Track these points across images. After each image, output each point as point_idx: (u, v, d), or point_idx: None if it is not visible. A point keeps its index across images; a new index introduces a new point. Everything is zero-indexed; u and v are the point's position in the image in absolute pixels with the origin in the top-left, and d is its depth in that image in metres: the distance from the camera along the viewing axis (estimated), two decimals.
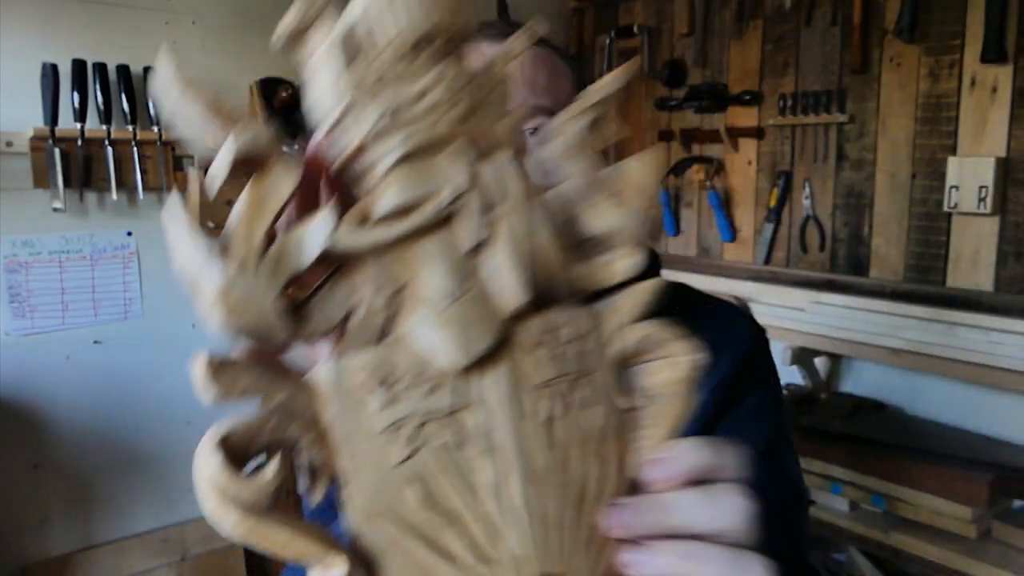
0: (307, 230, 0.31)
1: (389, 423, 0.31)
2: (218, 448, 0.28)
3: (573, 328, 0.34)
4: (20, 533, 1.79)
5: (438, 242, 0.32)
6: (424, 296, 0.31)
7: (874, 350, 1.68)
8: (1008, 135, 1.58)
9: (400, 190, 0.31)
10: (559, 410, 0.33)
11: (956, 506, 1.51)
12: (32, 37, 1.73)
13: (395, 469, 0.31)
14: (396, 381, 0.31)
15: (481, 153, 0.33)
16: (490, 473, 0.31)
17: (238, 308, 0.30)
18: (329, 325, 0.31)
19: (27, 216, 1.75)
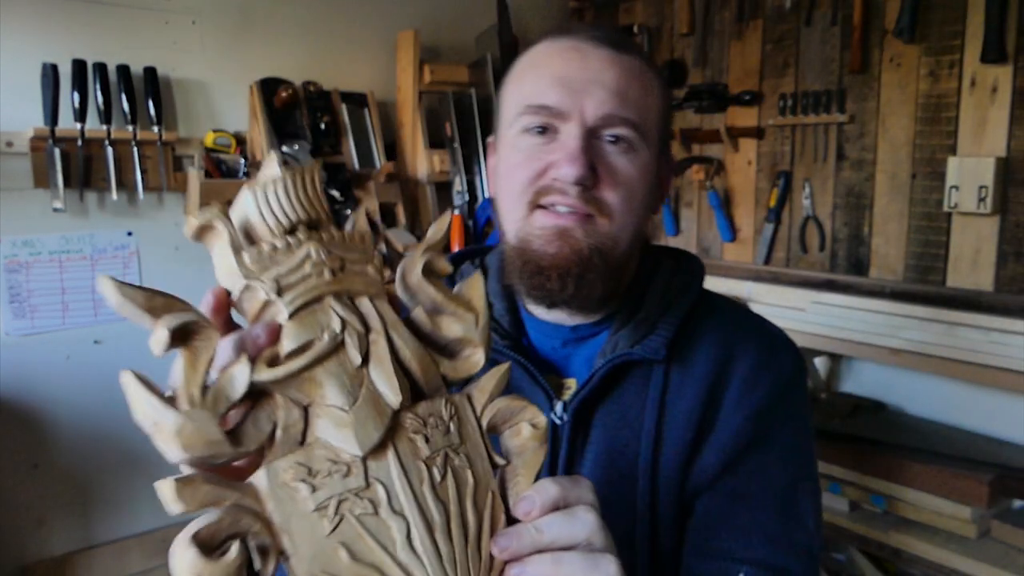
0: (233, 373, 0.42)
1: (316, 505, 0.41)
2: (191, 542, 0.38)
3: (443, 413, 0.46)
4: (20, 533, 1.79)
5: (332, 365, 0.44)
6: (328, 406, 0.43)
7: (874, 350, 1.68)
8: (1008, 135, 1.58)
9: (294, 337, 0.43)
10: (441, 474, 0.45)
11: (956, 506, 1.51)
12: (32, 37, 1.73)
13: (326, 538, 0.41)
14: (317, 473, 0.42)
15: (352, 295, 0.46)
16: (399, 530, 0.42)
17: (192, 439, 0.40)
18: (260, 440, 0.42)
19: (27, 216, 1.75)
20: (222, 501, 0.40)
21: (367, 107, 2.12)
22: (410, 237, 2.05)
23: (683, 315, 0.81)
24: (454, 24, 2.32)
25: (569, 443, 0.79)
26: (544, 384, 0.80)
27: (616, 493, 0.78)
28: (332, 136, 2.03)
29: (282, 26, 2.06)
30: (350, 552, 0.41)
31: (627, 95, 0.75)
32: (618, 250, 0.76)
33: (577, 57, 0.76)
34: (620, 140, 0.75)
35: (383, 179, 2.07)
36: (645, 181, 0.77)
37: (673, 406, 0.79)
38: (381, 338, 0.46)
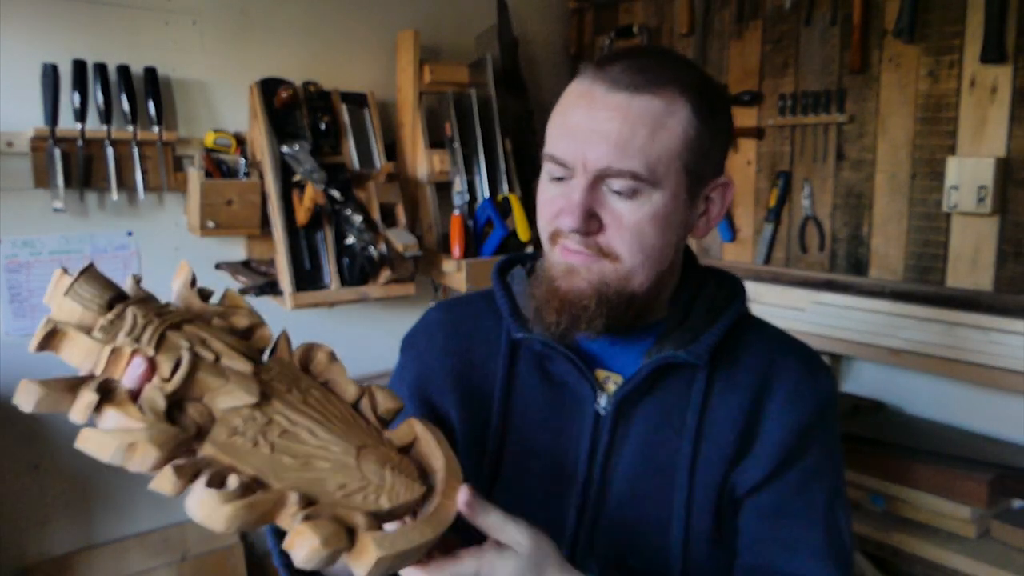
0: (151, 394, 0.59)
1: (251, 443, 0.62)
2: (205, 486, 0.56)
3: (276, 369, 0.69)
4: (20, 533, 1.79)
5: (203, 367, 0.63)
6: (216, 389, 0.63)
7: (874, 350, 1.68)
8: (1008, 135, 1.58)
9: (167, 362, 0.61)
10: (303, 396, 0.68)
11: (956, 506, 1.52)
12: (32, 37, 1.73)
13: (271, 456, 0.62)
14: (237, 427, 0.62)
15: (178, 325, 0.65)
16: (305, 430, 0.65)
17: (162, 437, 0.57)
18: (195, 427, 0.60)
19: (27, 216, 1.75)
20: (202, 467, 0.58)
21: (367, 107, 2.12)
22: (410, 237, 2.05)
23: (727, 327, 0.85)
24: (454, 24, 2.32)
25: (610, 433, 0.84)
26: (590, 378, 0.85)
27: (653, 485, 0.83)
28: (332, 136, 2.03)
29: (282, 26, 2.06)
30: (290, 455, 0.63)
31: (629, 144, 0.76)
32: (629, 287, 0.80)
33: (585, 104, 0.78)
34: (623, 187, 0.77)
35: (383, 179, 2.07)
36: (658, 220, 0.78)
37: (715, 409, 0.83)
38: (215, 341, 0.65)
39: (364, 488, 0.64)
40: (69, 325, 0.61)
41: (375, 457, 0.66)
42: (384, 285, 2.03)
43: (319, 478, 0.62)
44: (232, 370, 0.64)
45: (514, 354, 0.89)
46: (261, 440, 0.62)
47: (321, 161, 1.95)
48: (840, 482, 0.87)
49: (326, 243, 1.99)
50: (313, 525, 0.57)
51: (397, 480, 0.66)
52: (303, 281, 1.95)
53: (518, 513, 0.84)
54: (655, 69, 0.78)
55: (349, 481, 0.64)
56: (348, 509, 0.61)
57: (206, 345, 0.65)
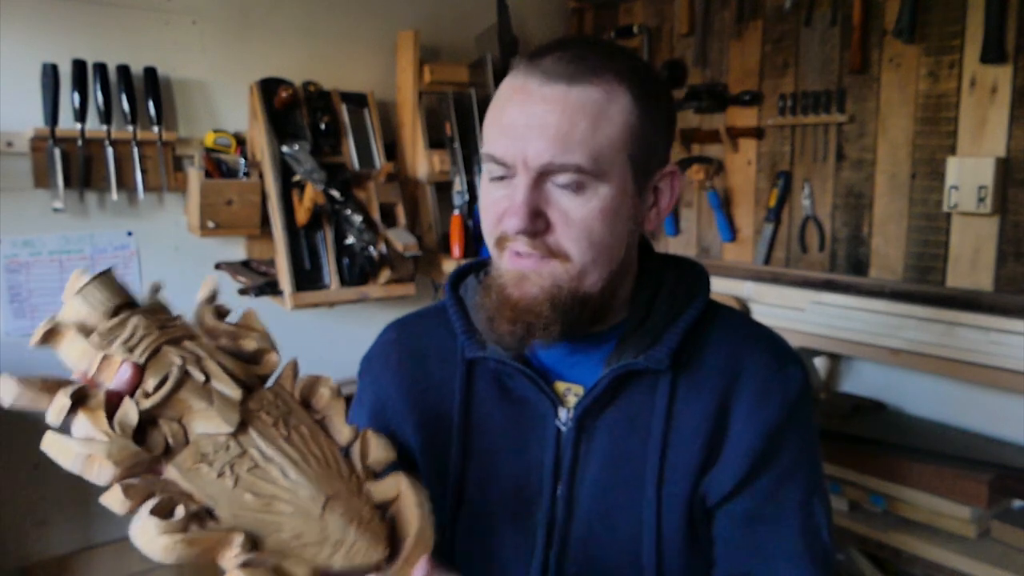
0: (126, 409, 0.59)
1: (217, 473, 0.61)
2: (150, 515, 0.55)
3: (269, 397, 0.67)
4: (20, 533, 1.79)
5: (189, 386, 0.62)
6: (196, 411, 0.62)
7: (874, 350, 1.68)
8: (1008, 135, 1.58)
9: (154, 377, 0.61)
10: (287, 432, 0.65)
11: (956, 506, 1.52)
12: (32, 37, 1.73)
13: (233, 490, 0.61)
14: (207, 454, 0.61)
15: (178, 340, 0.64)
16: (277, 469, 0.63)
17: (120, 455, 0.57)
18: (160, 448, 0.60)
19: (27, 216, 1.75)
20: (155, 491, 0.57)
21: (367, 107, 2.12)
22: (410, 237, 2.05)
23: (688, 326, 0.81)
24: (454, 24, 2.32)
25: (573, 449, 0.80)
26: (549, 392, 0.81)
27: (622, 499, 0.79)
28: (332, 136, 2.02)
29: (282, 26, 2.06)
30: (253, 493, 0.61)
31: (570, 137, 0.72)
32: (583, 287, 0.76)
33: (521, 100, 0.75)
34: (568, 182, 0.74)
35: (383, 179, 2.07)
36: (606, 215, 0.75)
37: (681, 415, 0.79)
38: (210, 362, 0.65)
39: (321, 542, 0.62)
40: (70, 325, 0.62)
41: (343, 510, 0.63)
42: (384, 285, 2.03)
43: (276, 522, 0.61)
44: (219, 394, 0.63)
45: (471, 372, 0.86)
46: (228, 472, 0.61)
47: (321, 161, 1.95)
48: (816, 476, 0.83)
49: (326, 243, 1.99)
50: (250, 573, 0.57)
51: (360, 539, 0.63)
52: (303, 281, 1.95)
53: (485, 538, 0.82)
54: (590, 58, 0.75)
55: (307, 531, 0.61)
56: (296, 560, 0.60)
57: (200, 365, 0.64)
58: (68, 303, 0.63)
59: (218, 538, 0.57)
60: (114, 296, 0.64)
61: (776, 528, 0.79)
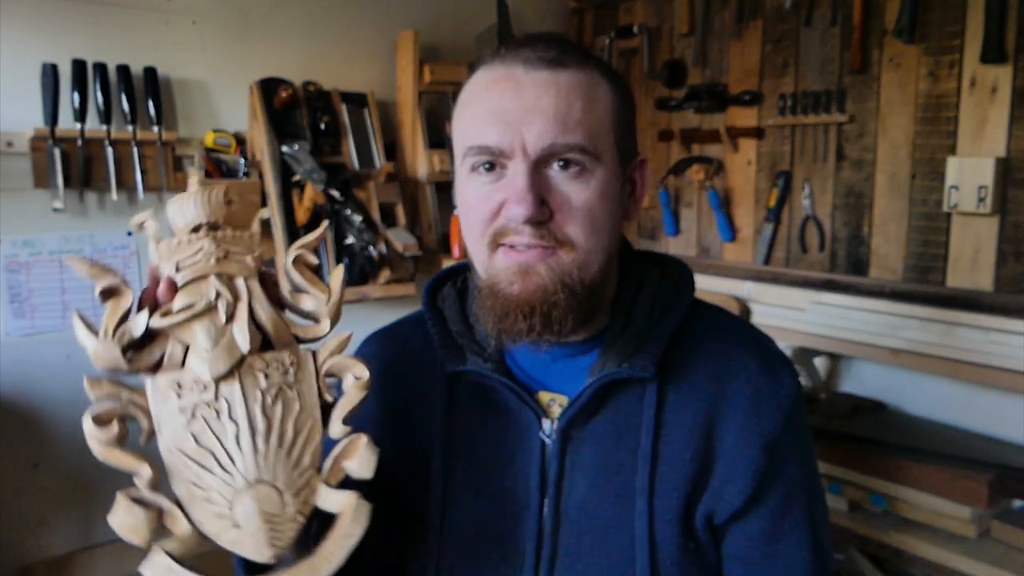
0: (136, 319, 0.64)
1: (179, 407, 0.64)
2: (89, 417, 0.62)
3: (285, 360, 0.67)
4: (20, 533, 1.79)
5: (206, 320, 0.65)
6: (197, 345, 0.65)
7: (874, 350, 1.68)
8: (1008, 135, 1.58)
9: (183, 298, 0.65)
10: (272, 400, 0.65)
11: (956, 506, 1.51)
12: (32, 37, 1.73)
13: (182, 428, 0.63)
14: (183, 387, 0.64)
15: (230, 276, 0.67)
16: (231, 430, 0.64)
17: (102, 358, 0.63)
18: (150, 364, 0.65)
19: (27, 216, 1.75)
20: (119, 394, 0.63)
21: (367, 107, 2.12)
22: (410, 237, 2.05)
23: (672, 330, 0.79)
24: (454, 24, 2.32)
25: (559, 461, 0.78)
26: (532, 403, 0.79)
27: (612, 513, 0.77)
28: (332, 136, 2.02)
29: (282, 26, 2.06)
30: (195, 438, 0.63)
31: (568, 117, 0.72)
32: (588, 276, 0.75)
33: (511, 86, 0.73)
34: (570, 165, 0.72)
35: (383, 179, 2.07)
36: (605, 200, 0.74)
37: (670, 425, 0.77)
38: (244, 305, 0.66)
39: (221, 515, 0.62)
40: (152, 227, 0.68)
41: (262, 498, 0.63)
42: (384, 285, 2.03)
43: (199, 473, 0.63)
44: (227, 340, 0.65)
45: (452, 386, 0.83)
46: (188, 410, 0.63)
47: (321, 161, 1.95)
48: (815, 481, 0.83)
49: (326, 243, 1.99)
50: (126, 507, 0.61)
51: (256, 535, 0.62)
52: None
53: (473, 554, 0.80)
54: (564, 46, 0.75)
55: (217, 499, 0.62)
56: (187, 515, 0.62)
57: (233, 305, 0.66)
58: (169, 205, 0.69)
59: (130, 463, 0.62)
60: (205, 214, 0.68)
61: (789, 543, 0.79)
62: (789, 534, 0.79)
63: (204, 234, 0.67)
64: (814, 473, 0.83)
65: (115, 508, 0.61)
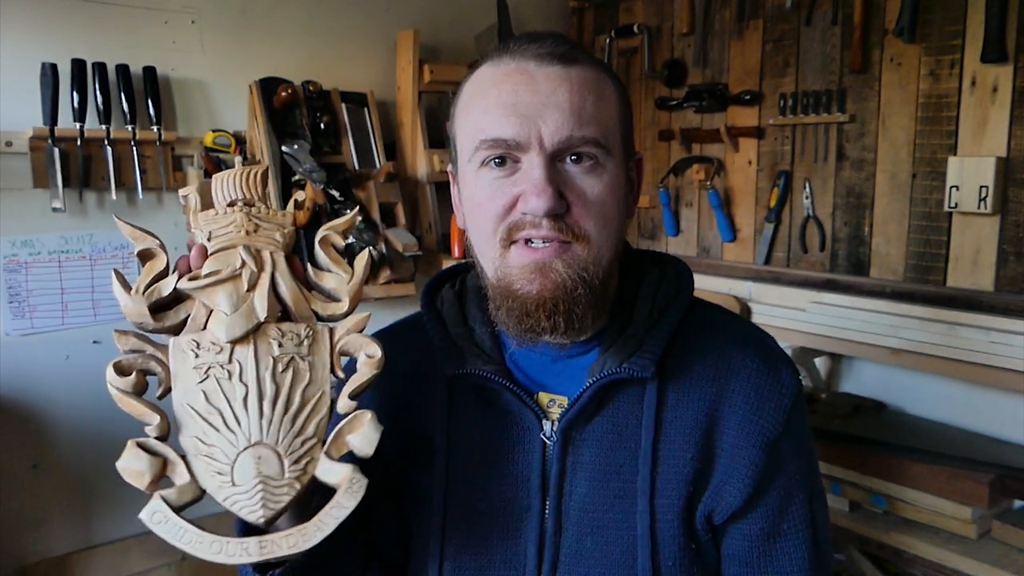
0: (166, 280, 0.70)
1: (195, 364, 0.67)
2: (112, 367, 0.66)
3: (301, 332, 0.70)
4: (20, 533, 1.79)
5: (229, 287, 0.69)
6: (219, 310, 0.69)
7: (874, 350, 1.68)
8: (1008, 135, 1.58)
9: (211, 266, 0.70)
10: (284, 368, 0.68)
11: (956, 506, 1.51)
12: (32, 37, 1.73)
13: (195, 385, 0.67)
14: (202, 347, 0.68)
15: (258, 248, 0.72)
16: (240, 391, 0.67)
17: (131, 312, 0.68)
18: (175, 322, 0.69)
19: (27, 216, 1.75)
20: (143, 348, 0.67)
21: (367, 107, 2.12)
22: (410, 237, 2.05)
23: (672, 330, 0.79)
24: (454, 24, 2.32)
25: (560, 462, 0.78)
26: (532, 406, 0.79)
27: (613, 513, 0.77)
28: (332, 136, 2.02)
29: (282, 26, 2.05)
30: (206, 396, 0.66)
31: (583, 111, 0.72)
32: (602, 270, 0.75)
33: (525, 80, 0.73)
34: (583, 158, 0.73)
35: (383, 179, 2.07)
36: (616, 194, 0.75)
37: (671, 425, 0.77)
38: (266, 276, 0.71)
39: (220, 472, 0.64)
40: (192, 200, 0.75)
41: (260, 460, 0.64)
42: (384, 285, 2.02)
43: (205, 429, 0.65)
44: (248, 306, 0.69)
45: (452, 388, 0.83)
46: (202, 368, 0.67)
47: (321, 161, 1.95)
48: (815, 480, 0.82)
49: None
50: (133, 452, 0.63)
51: (251, 494, 0.63)
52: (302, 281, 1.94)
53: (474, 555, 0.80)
54: (568, 44, 0.76)
55: (219, 456, 0.64)
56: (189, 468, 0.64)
57: (256, 275, 0.70)
58: (212, 181, 0.76)
59: (142, 411, 0.65)
60: (243, 191, 0.75)
61: (789, 543, 0.79)
62: (788, 534, 0.79)
63: (239, 209, 0.73)
64: (814, 473, 0.83)
65: (124, 453, 0.63)
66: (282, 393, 0.67)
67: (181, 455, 0.65)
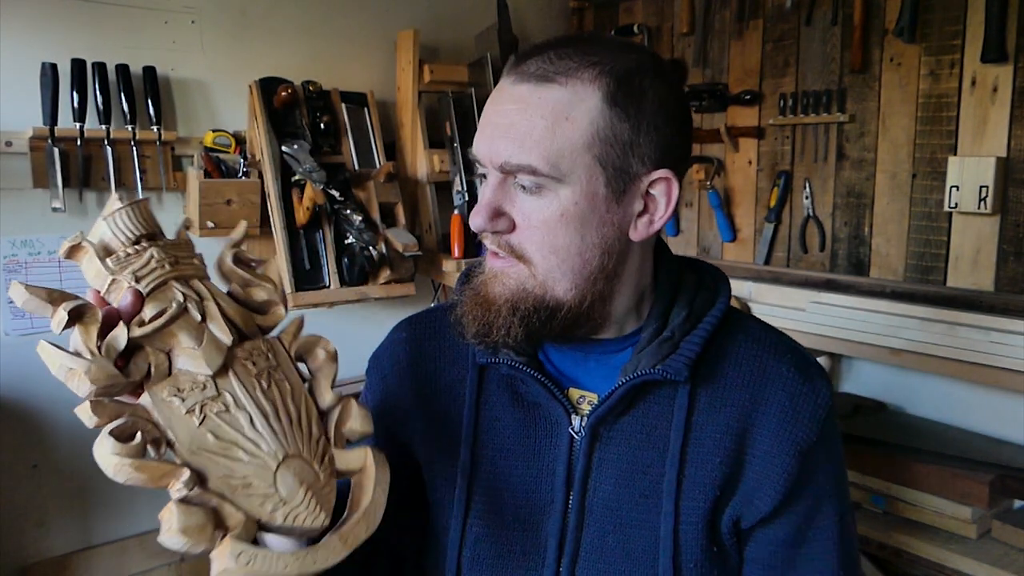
0: (116, 333, 0.63)
1: (186, 409, 0.63)
2: (108, 435, 0.59)
3: (262, 348, 0.69)
4: (20, 533, 1.79)
5: (182, 323, 0.66)
6: (184, 347, 0.65)
7: (874, 350, 1.68)
8: (1008, 135, 1.58)
9: (153, 308, 0.65)
10: (267, 384, 0.67)
11: (956, 506, 1.51)
12: (32, 37, 1.73)
13: (198, 428, 0.63)
14: (183, 390, 0.64)
15: (187, 279, 0.68)
16: (244, 418, 0.65)
17: (98, 376, 0.60)
18: (141, 374, 0.64)
19: (27, 216, 1.75)
20: (123, 413, 0.61)
21: (367, 107, 2.12)
22: (410, 237, 2.05)
23: (707, 335, 0.79)
24: (454, 24, 2.31)
25: (587, 458, 0.79)
26: (562, 399, 0.80)
27: (637, 512, 0.78)
28: (332, 136, 2.02)
29: (282, 26, 2.05)
30: (215, 435, 0.63)
31: (527, 138, 0.71)
32: (553, 294, 0.74)
33: (498, 99, 0.75)
34: (525, 185, 0.73)
35: (383, 179, 2.07)
36: (570, 220, 0.73)
37: (701, 429, 0.78)
38: (211, 303, 0.68)
39: (267, 496, 0.63)
40: (93, 245, 0.67)
41: (298, 470, 0.64)
42: (384, 285, 2.02)
43: (230, 466, 0.62)
44: (210, 336, 0.66)
45: (482, 376, 0.84)
46: (196, 410, 0.63)
47: (321, 161, 1.95)
48: (845, 492, 0.83)
49: (325, 243, 1.98)
50: (184, 510, 0.58)
51: (306, 503, 0.64)
52: (302, 281, 1.95)
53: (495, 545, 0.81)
54: (572, 57, 0.72)
55: (257, 483, 0.63)
56: (236, 506, 0.61)
57: (200, 305, 0.67)
58: (97, 224, 0.69)
59: (165, 470, 0.60)
60: (141, 226, 0.69)
61: (814, 550, 0.79)
62: (814, 541, 0.79)
63: (148, 244, 0.68)
64: (844, 483, 0.83)
65: (173, 515, 0.58)
66: (279, 406, 0.67)
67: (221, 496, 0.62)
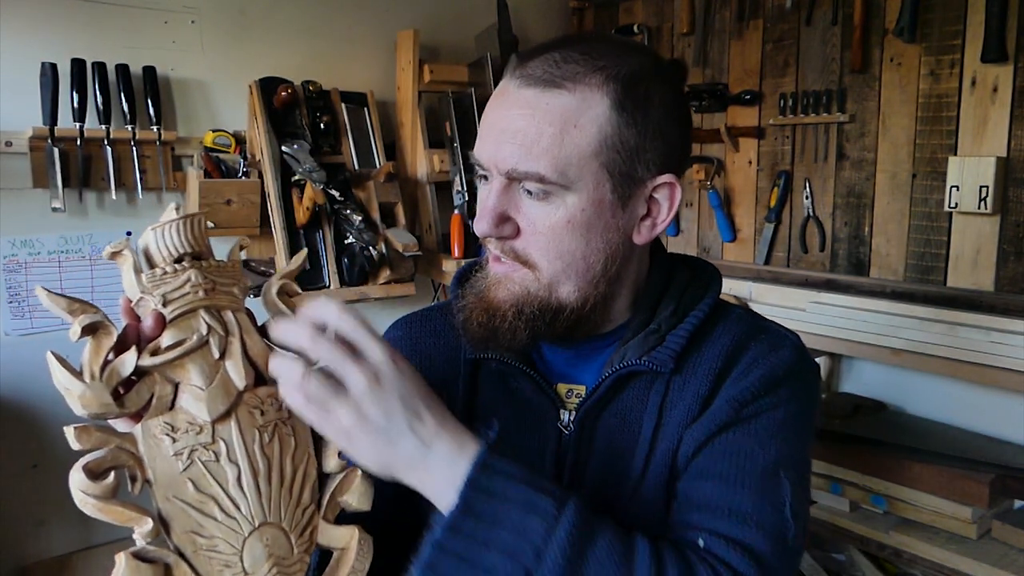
0: (124, 358, 0.59)
1: (174, 451, 0.60)
2: (81, 468, 0.57)
3: (275, 395, 0.63)
4: (19, 533, 1.79)
5: (198, 357, 0.61)
6: (191, 385, 0.61)
7: (874, 350, 1.68)
8: (1009, 135, 1.58)
9: (172, 336, 0.61)
10: (269, 438, 0.63)
11: (956, 506, 1.51)
12: (31, 37, 1.73)
13: (179, 474, 0.59)
14: (177, 430, 0.60)
15: (219, 309, 0.64)
16: (231, 473, 0.61)
17: (90, 402, 0.58)
18: (140, 405, 0.60)
19: (26, 216, 1.75)
20: (109, 443, 0.59)
21: (367, 107, 2.12)
22: (410, 237, 2.04)
23: (694, 328, 0.79)
24: (454, 24, 2.31)
25: (576, 451, 0.80)
26: (550, 394, 0.81)
27: (615, 498, 0.79)
28: (332, 136, 2.02)
29: (282, 26, 2.05)
30: (195, 485, 0.60)
31: (535, 145, 0.71)
32: (557, 297, 0.75)
33: (498, 104, 0.74)
34: (533, 191, 0.73)
35: (383, 179, 2.07)
36: (577, 227, 0.73)
37: (669, 414, 0.78)
38: (236, 340, 0.63)
39: (229, 565, 0.59)
40: (132, 255, 0.64)
41: (269, 541, 0.61)
42: (384, 285, 2.02)
43: (200, 522, 0.59)
44: (222, 376, 0.62)
45: (475, 372, 0.85)
46: (183, 454, 0.60)
47: (320, 161, 1.95)
48: (794, 457, 0.77)
49: (325, 243, 1.98)
50: (134, 567, 0.57)
51: None
52: (302, 281, 1.94)
53: None
54: (578, 61, 0.72)
55: (223, 546, 0.59)
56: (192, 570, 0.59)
57: (223, 340, 0.62)
58: (146, 232, 0.65)
59: (130, 516, 0.58)
60: (187, 243, 0.64)
61: (728, 486, 0.74)
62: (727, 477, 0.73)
63: (189, 264, 0.64)
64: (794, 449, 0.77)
65: (118, 568, 0.57)
66: (274, 465, 0.62)
67: (179, 553, 0.59)
